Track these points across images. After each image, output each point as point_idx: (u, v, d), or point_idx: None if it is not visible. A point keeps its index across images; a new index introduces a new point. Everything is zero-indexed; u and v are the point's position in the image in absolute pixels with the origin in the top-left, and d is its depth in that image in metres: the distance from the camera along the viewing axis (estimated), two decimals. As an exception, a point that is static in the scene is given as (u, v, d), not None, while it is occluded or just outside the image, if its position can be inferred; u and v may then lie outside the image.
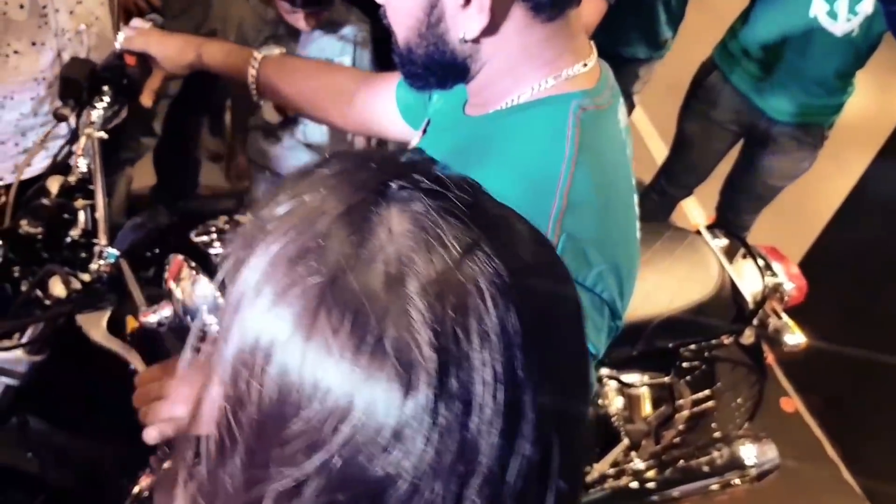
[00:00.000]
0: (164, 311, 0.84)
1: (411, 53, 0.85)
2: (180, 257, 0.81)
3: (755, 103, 2.32)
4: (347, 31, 1.98)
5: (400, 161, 0.50)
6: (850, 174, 3.01)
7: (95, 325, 1.00)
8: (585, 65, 0.85)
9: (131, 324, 0.97)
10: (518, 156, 0.81)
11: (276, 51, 1.30)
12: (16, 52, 1.40)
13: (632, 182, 0.91)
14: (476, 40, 0.81)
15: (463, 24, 0.79)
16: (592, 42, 0.89)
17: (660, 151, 3.94)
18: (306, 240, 0.44)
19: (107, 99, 1.26)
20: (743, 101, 2.34)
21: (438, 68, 0.86)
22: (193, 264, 0.80)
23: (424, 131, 1.03)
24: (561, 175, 0.78)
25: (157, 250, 1.30)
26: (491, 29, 0.79)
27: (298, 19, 1.87)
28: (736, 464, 1.79)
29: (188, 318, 0.81)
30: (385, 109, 1.23)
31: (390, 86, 1.22)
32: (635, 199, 0.92)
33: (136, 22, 1.32)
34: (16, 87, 1.43)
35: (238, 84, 1.33)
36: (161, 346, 1.01)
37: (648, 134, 3.92)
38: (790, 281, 1.79)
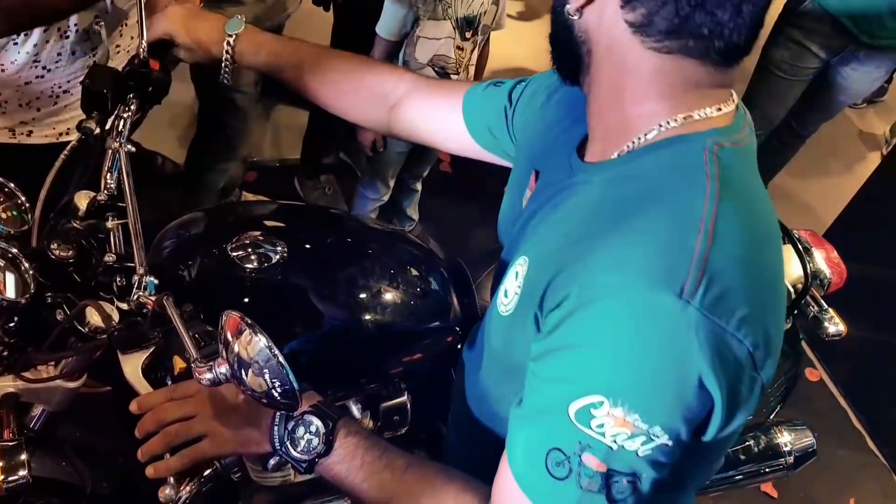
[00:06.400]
0: (220, 369, 0.80)
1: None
2: (236, 315, 0.77)
3: (848, 28, 2.48)
4: None
5: None
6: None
7: (130, 364, 0.97)
8: (720, 109, 0.79)
9: (179, 364, 0.94)
10: (654, 196, 0.75)
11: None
12: None
13: (777, 222, 0.85)
14: (584, 28, 0.80)
15: None
16: (734, 92, 0.83)
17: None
18: None
19: (132, 107, 1.20)
20: (835, 25, 2.50)
21: (556, 44, 0.85)
22: (250, 321, 0.76)
23: (536, 180, 0.98)
24: (704, 209, 0.71)
25: (190, 263, 1.25)
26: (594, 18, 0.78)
27: None
28: (773, 452, 1.77)
29: (242, 373, 0.77)
30: (445, 121, 1.18)
31: (454, 97, 1.17)
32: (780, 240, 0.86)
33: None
34: None
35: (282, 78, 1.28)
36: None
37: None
38: (829, 267, 1.74)
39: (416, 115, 1.20)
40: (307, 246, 1.31)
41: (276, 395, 0.77)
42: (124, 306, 1.02)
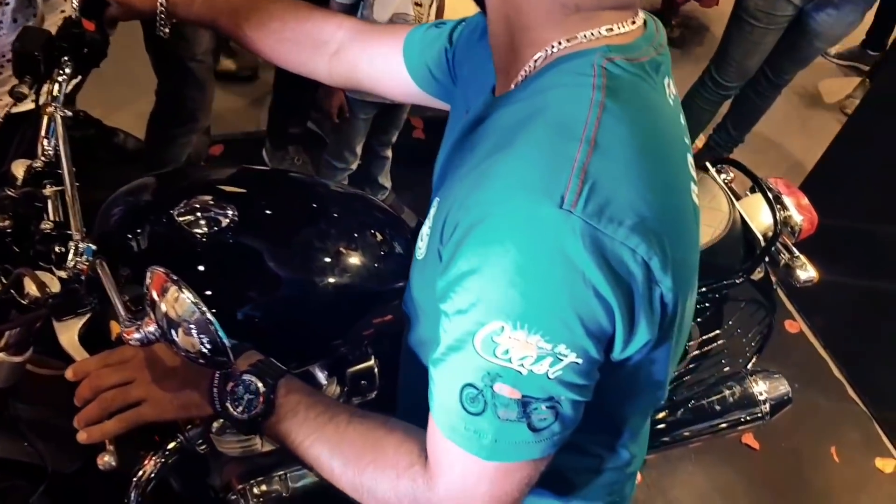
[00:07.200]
0: (148, 328, 0.77)
1: None
2: (161, 271, 0.73)
3: None
4: None
5: None
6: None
7: (67, 332, 0.93)
8: (611, 29, 0.75)
9: (116, 329, 0.90)
10: (538, 112, 0.72)
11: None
12: None
13: (682, 141, 0.82)
14: None
15: None
16: (641, 13, 0.80)
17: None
18: None
19: (67, 70, 1.15)
20: None
21: None
22: (175, 277, 0.73)
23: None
24: (588, 117, 0.69)
25: (138, 231, 1.22)
26: None
27: None
28: (748, 401, 1.76)
29: (172, 332, 0.74)
30: (385, 66, 1.15)
31: (394, 41, 1.13)
32: (689, 160, 0.83)
33: None
34: None
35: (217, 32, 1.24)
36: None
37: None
38: (800, 214, 1.73)
39: (357, 62, 1.17)
40: (260, 209, 1.27)
41: (207, 352, 0.74)
42: (63, 275, 0.99)
